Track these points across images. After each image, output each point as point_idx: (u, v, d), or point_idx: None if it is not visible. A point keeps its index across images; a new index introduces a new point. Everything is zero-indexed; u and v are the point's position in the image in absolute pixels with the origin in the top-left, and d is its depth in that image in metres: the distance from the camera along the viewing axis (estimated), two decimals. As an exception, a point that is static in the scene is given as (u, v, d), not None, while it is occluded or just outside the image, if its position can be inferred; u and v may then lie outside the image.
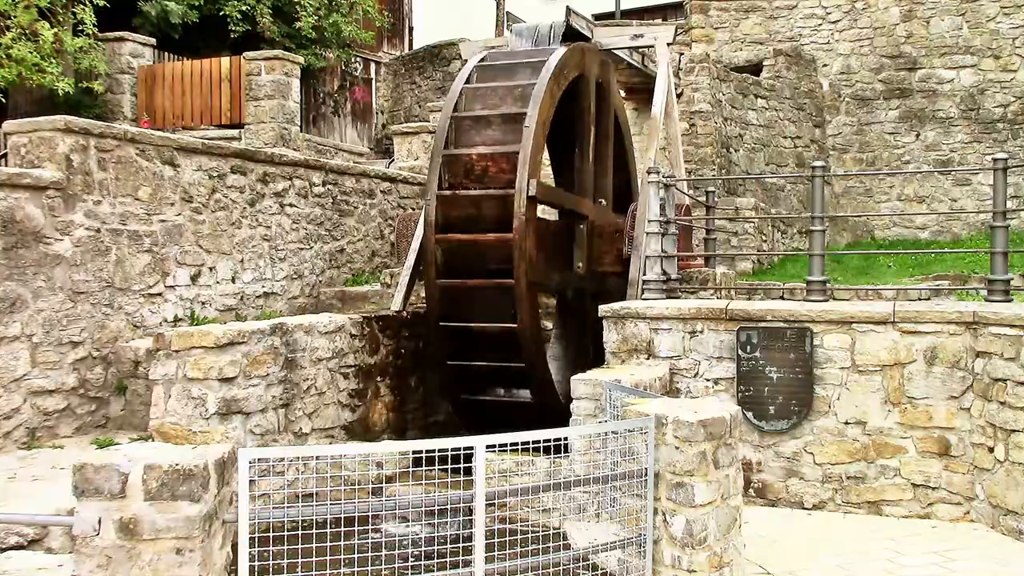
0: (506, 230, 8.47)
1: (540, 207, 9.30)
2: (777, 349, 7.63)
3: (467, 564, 4.65)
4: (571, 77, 9.44)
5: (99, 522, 4.09)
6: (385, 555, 5.52)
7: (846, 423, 7.50)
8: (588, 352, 9.78)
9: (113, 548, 4.09)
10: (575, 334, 10.37)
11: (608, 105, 10.43)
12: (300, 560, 4.62)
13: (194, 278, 9.70)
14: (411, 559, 6.34)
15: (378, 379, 8.95)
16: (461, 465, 4.61)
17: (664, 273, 8.93)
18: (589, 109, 9.88)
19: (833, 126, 18.45)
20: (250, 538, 4.29)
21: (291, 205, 11.22)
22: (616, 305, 8.43)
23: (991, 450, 6.92)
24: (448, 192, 8.81)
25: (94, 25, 14.32)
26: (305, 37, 17.67)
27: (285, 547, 5.01)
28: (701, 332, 7.95)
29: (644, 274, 8.96)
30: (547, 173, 11.23)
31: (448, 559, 4.79)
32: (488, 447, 4.59)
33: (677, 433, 5.12)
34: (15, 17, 12.95)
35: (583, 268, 10.04)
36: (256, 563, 4.46)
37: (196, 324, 9.27)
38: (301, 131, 16.75)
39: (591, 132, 9.93)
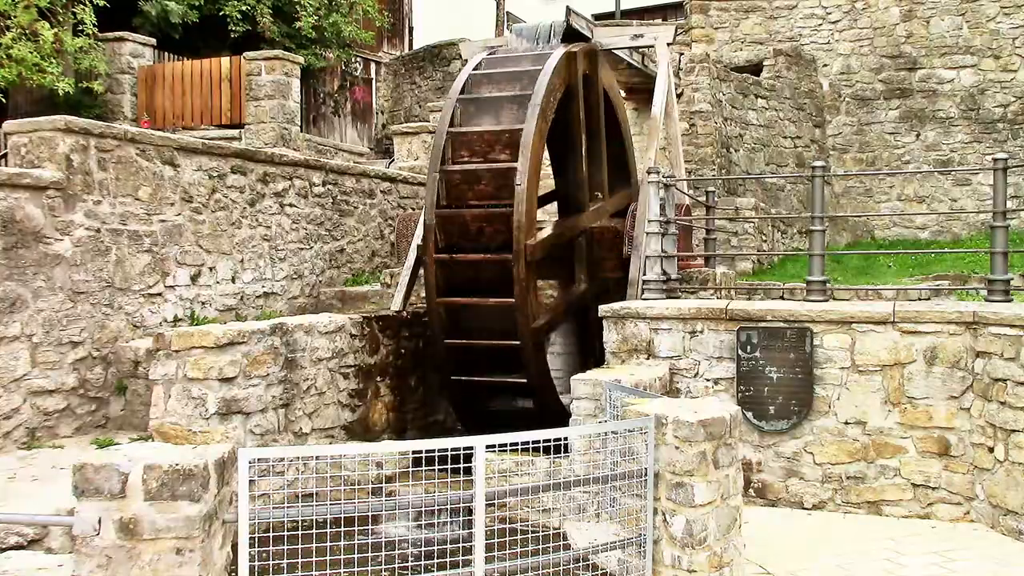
0: (507, 292, 8.53)
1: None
2: (777, 349, 7.63)
3: (467, 564, 4.65)
4: (559, 99, 9.27)
5: (99, 522, 4.09)
6: (385, 555, 5.52)
7: (846, 423, 7.50)
8: (595, 351, 9.80)
9: (113, 548, 4.09)
10: (579, 334, 10.38)
11: (597, 101, 10.30)
12: (300, 560, 4.62)
13: (194, 278, 9.70)
14: (411, 559, 6.34)
15: (378, 379, 8.96)
16: (461, 465, 4.61)
17: (664, 273, 8.93)
18: (579, 119, 9.76)
19: (833, 126, 18.45)
20: (250, 538, 4.29)
21: (291, 205, 11.22)
22: (616, 305, 8.44)
23: (991, 450, 6.92)
24: (446, 256, 8.83)
25: (94, 25, 14.32)
26: (305, 37, 17.67)
27: (285, 547, 5.01)
28: (701, 332, 7.95)
29: (644, 274, 8.97)
30: (548, 173, 11.23)
31: (448, 559, 4.79)
32: (488, 447, 4.59)
33: (677, 433, 5.12)
34: (15, 17, 12.95)
35: (585, 278, 10.15)
36: (256, 563, 4.46)
37: (196, 324, 9.27)
38: (301, 131, 16.76)
39: (583, 143, 9.84)
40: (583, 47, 9.88)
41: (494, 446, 4.68)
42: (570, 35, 10.39)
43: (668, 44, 11.06)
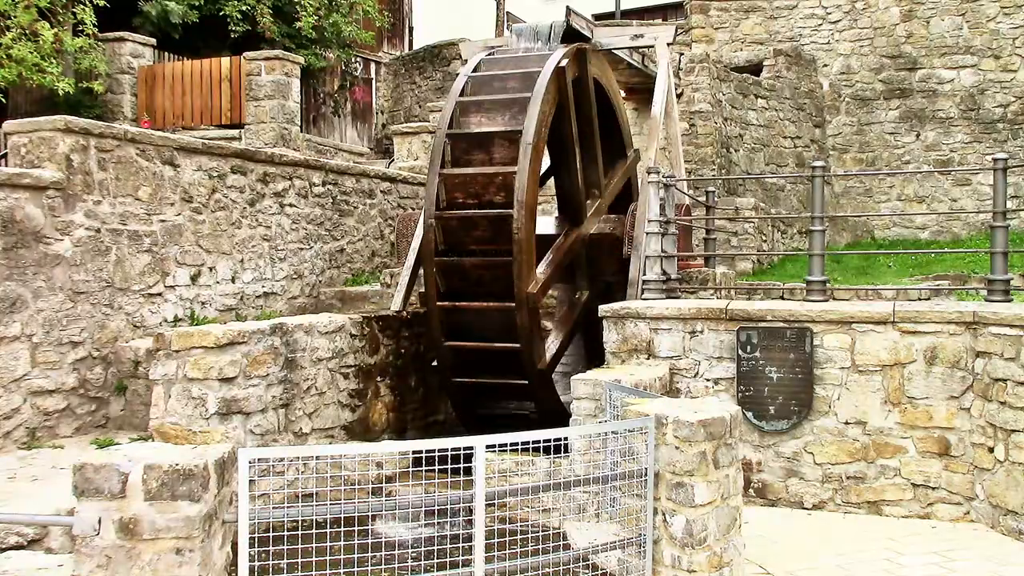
0: (512, 336, 8.60)
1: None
2: (777, 349, 7.63)
3: (467, 564, 4.65)
4: (550, 122, 9.15)
5: (99, 522, 4.09)
6: (385, 555, 5.52)
7: (846, 423, 7.50)
8: (598, 352, 9.83)
9: (113, 548, 4.09)
10: (583, 335, 10.37)
11: (589, 104, 10.10)
12: (300, 560, 4.62)
13: (194, 278, 9.70)
14: (411, 559, 6.34)
15: (378, 379, 8.96)
16: (461, 465, 4.61)
17: (664, 273, 8.93)
18: (572, 133, 9.63)
19: (833, 126, 18.46)
20: (250, 538, 4.29)
21: (291, 205, 11.22)
22: (616, 305, 8.44)
23: (991, 450, 6.92)
24: (448, 304, 8.86)
25: (94, 25, 14.32)
26: (305, 37, 17.67)
27: (285, 547, 5.01)
28: (701, 332, 7.95)
29: (644, 274, 8.97)
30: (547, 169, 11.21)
31: (448, 559, 4.79)
32: (488, 447, 4.59)
33: (677, 433, 5.12)
34: (15, 17, 12.95)
35: (587, 284, 10.16)
36: (256, 563, 4.46)
37: (196, 324, 9.27)
38: (301, 131, 16.76)
39: (577, 157, 9.72)
40: (572, 51, 9.62)
41: (494, 446, 4.68)
42: (570, 35, 10.37)
43: (668, 44, 11.05)
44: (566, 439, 6.39)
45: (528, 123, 8.76)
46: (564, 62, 9.29)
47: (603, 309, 8.42)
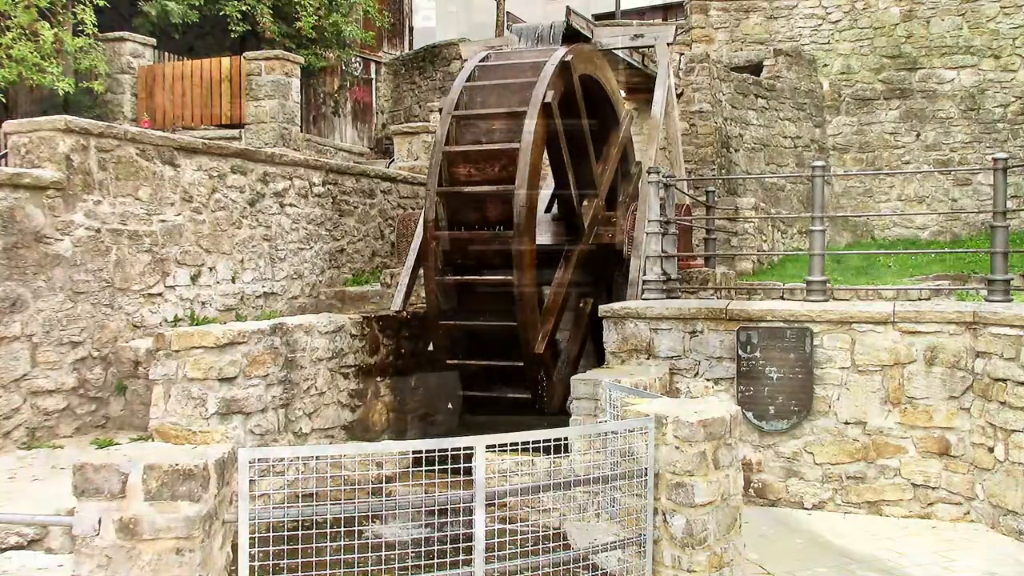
0: (522, 387, 8.77)
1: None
2: (777, 349, 7.63)
3: (467, 564, 4.65)
4: (541, 158, 9.07)
5: (99, 522, 4.09)
6: (385, 555, 5.52)
7: (846, 423, 7.50)
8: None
9: (113, 548, 4.09)
10: (592, 341, 10.37)
11: (580, 122, 9.81)
12: (300, 560, 4.62)
13: (194, 278, 9.69)
14: (411, 559, 6.33)
15: (378, 379, 8.95)
16: (461, 465, 4.62)
17: (664, 273, 8.93)
18: (564, 159, 9.49)
19: (833, 126, 18.45)
20: (250, 538, 4.29)
21: (291, 205, 11.21)
22: (616, 305, 8.45)
23: (991, 450, 6.92)
24: (458, 361, 9.02)
25: (94, 25, 14.31)
26: (305, 37, 17.67)
27: (285, 547, 5.01)
28: (701, 332, 7.95)
29: (644, 274, 8.97)
30: (547, 172, 11.20)
31: (448, 559, 4.79)
32: (488, 447, 4.60)
33: (677, 433, 5.12)
34: (15, 17, 12.95)
35: (590, 290, 10.15)
36: (256, 563, 4.46)
37: (196, 324, 9.27)
38: (301, 131, 16.75)
39: (571, 175, 9.59)
40: (556, 72, 9.16)
41: (494, 446, 4.68)
42: (570, 35, 10.37)
43: (668, 44, 11.05)
44: (566, 439, 6.38)
45: (520, 178, 8.58)
46: (550, 95, 8.87)
47: (603, 309, 8.43)
